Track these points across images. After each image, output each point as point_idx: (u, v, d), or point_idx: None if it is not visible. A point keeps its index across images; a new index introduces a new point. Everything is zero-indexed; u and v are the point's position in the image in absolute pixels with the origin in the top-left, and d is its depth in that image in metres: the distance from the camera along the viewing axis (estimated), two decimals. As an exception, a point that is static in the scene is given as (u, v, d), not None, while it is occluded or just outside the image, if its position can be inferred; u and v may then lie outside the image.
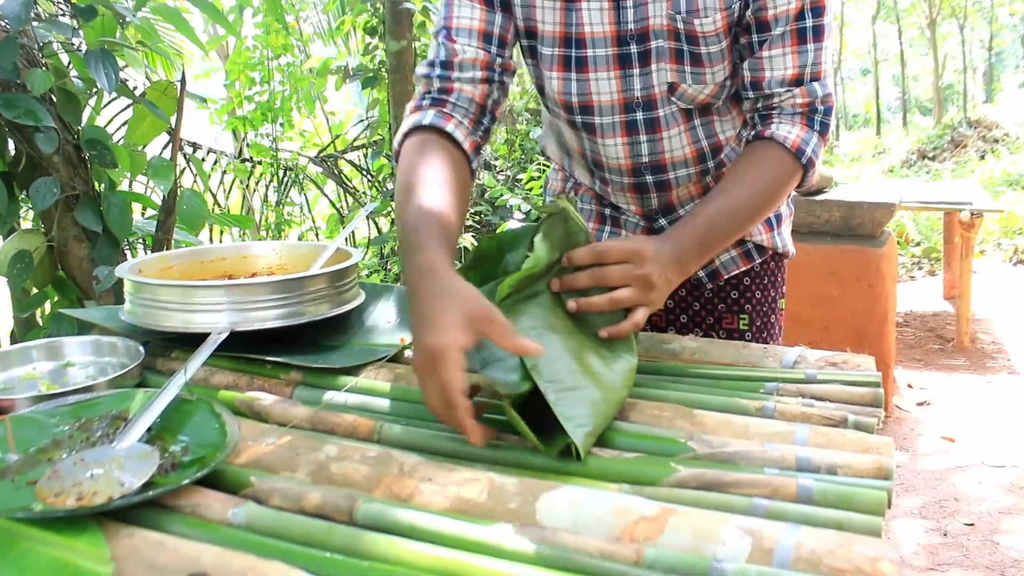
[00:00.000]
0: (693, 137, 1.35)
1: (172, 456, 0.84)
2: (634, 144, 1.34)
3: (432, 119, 1.21)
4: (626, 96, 1.30)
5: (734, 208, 1.20)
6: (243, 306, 1.15)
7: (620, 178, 1.40)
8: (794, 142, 1.23)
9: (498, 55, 1.27)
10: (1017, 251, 6.25)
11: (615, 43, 1.26)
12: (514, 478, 0.83)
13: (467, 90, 1.25)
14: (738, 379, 1.13)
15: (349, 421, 0.98)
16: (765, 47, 1.23)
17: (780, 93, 1.24)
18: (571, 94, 1.31)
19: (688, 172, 1.39)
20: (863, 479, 0.86)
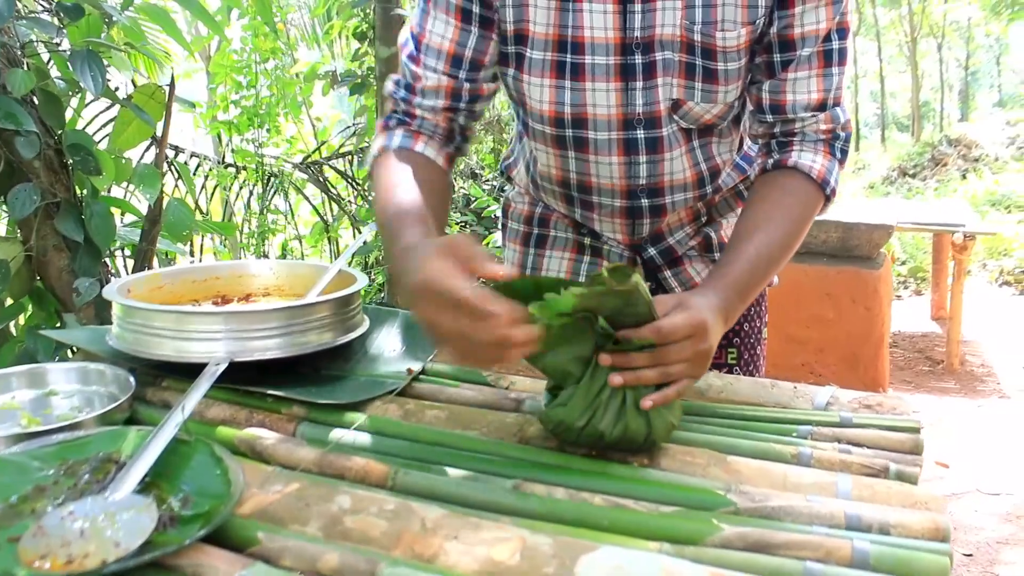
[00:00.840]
0: (693, 160, 1.26)
1: (171, 509, 0.76)
2: (632, 164, 1.24)
3: (400, 141, 1.19)
4: (626, 111, 1.19)
5: (771, 250, 1.11)
6: (242, 335, 1.07)
7: (612, 200, 1.29)
8: (819, 172, 1.16)
9: (467, 80, 1.19)
10: (1003, 272, 6.27)
11: (618, 52, 1.15)
12: (547, 537, 0.76)
13: (429, 117, 1.21)
14: (769, 420, 1.06)
15: (360, 465, 0.90)
16: (790, 68, 1.15)
17: (804, 118, 1.17)
18: (564, 104, 1.19)
19: (685, 196, 1.30)
20: (919, 540, 0.80)
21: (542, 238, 1.42)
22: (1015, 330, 5.01)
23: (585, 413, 0.91)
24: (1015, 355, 4.51)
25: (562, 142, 1.25)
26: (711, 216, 1.37)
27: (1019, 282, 6.13)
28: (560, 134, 1.23)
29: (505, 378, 1.17)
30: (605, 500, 0.85)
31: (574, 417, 0.91)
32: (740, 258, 1.08)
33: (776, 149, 1.20)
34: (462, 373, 1.19)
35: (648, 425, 0.91)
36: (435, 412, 1.04)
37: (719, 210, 1.37)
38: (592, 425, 0.90)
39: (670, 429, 0.94)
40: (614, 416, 0.90)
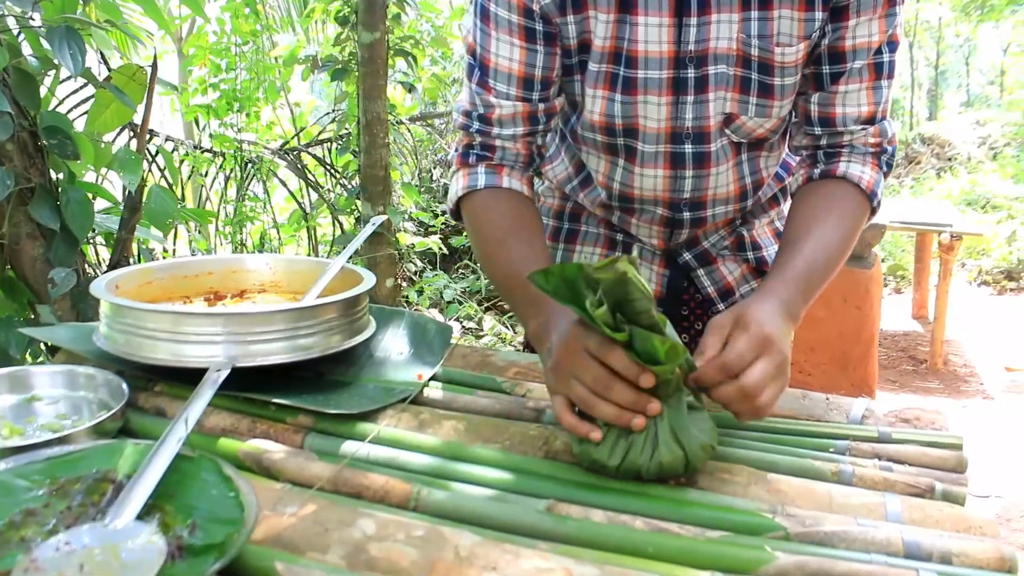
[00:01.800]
0: (739, 173, 1.23)
1: (178, 537, 0.68)
2: (677, 179, 1.20)
3: (486, 181, 1.17)
4: (675, 125, 1.15)
5: (828, 249, 1.06)
6: (244, 338, 0.99)
7: (653, 209, 1.25)
8: (868, 183, 1.13)
9: (541, 100, 1.15)
10: (981, 272, 6.30)
11: (671, 65, 1.10)
12: (593, 567, 0.70)
13: (510, 147, 1.17)
14: (804, 435, 1.01)
15: (379, 484, 0.83)
16: (840, 81, 1.11)
17: (854, 131, 1.13)
18: (615, 116, 1.15)
19: (727, 209, 1.27)
20: (984, 571, 0.75)
21: (572, 233, 1.38)
22: (995, 330, 5.03)
23: (617, 450, 0.86)
24: (996, 356, 4.52)
25: (613, 149, 1.21)
26: (745, 218, 1.34)
27: (997, 282, 6.17)
28: (612, 142, 1.20)
29: (522, 385, 1.10)
30: (646, 524, 0.79)
31: (605, 455, 0.86)
32: (798, 255, 1.04)
33: (823, 160, 1.17)
34: (474, 379, 1.12)
35: (685, 454, 0.86)
36: (452, 423, 0.98)
37: (753, 212, 1.34)
38: (629, 461, 0.85)
39: (709, 453, 0.88)
40: (650, 449, 0.85)
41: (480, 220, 1.16)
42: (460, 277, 4.84)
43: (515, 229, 1.11)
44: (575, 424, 0.87)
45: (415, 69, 4.31)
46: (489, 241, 1.13)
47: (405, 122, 4.82)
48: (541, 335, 0.97)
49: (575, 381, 0.87)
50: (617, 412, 0.85)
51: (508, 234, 1.11)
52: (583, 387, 0.86)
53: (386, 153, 3.75)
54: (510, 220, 1.13)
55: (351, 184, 4.17)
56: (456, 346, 1.21)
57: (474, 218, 1.17)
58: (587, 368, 0.86)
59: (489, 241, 1.13)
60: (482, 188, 1.16)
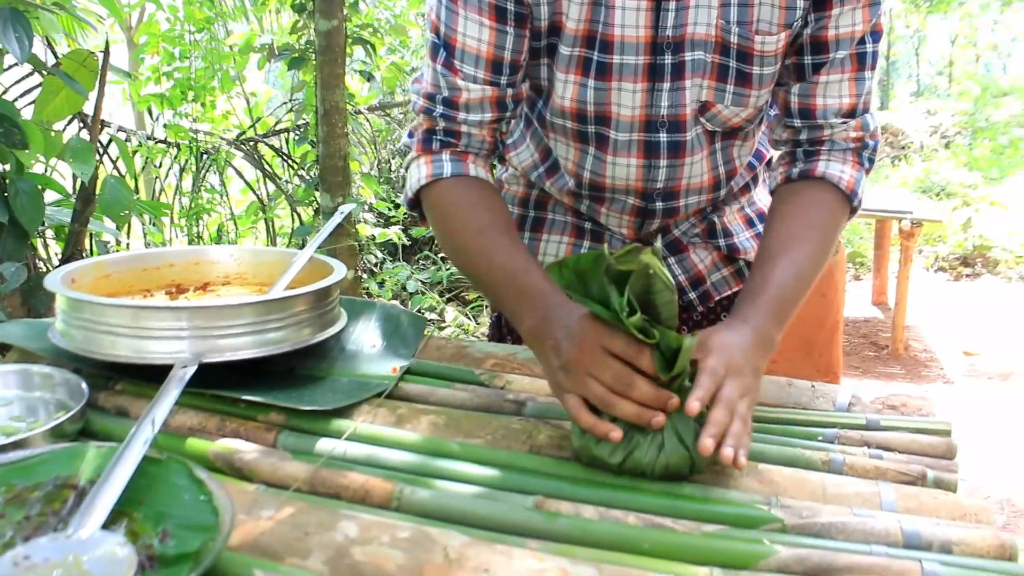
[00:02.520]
0: (713, 163, 1.19)
1: (148, 546, 0.64)
2: (651, 168, 1.16)
3: (451, 169, 1.11)
4: (649, 113, 1.10)
5: (801, 268, 1.02)
6: (210, 332, 0.94)
7: (624, 199, 1.21)
8: (848, 183, 1.09)
9: (509, 85, 1.09)
10: (938, 258, 6.39)
11: (648, 51, 1.06)
12: (590, 567, 0.67)
13: (476, 133, 1.11)
14: (791, 423, 0.99)
15: (359, 483, 0.79)
16: (822, 71, 1.07)
17: (834, 124, 1.09)
18: (586, 102, 1.11)
19: (700, 199, 1.23)
20: (986, 560, 0.73)
21: (539, 221, 1.32)
22: (953, 316, 5.11)
23: (619, 449, 0.83)
24: (955, 341, 4.58)
25: (584, 137, 1.16)
26: (716, 205, 1.29)
27: (953, 268, 6.27)
28: (582, 129, 1.15)
29: (500, 377, 1.07)
30: (640, 519, 0.76)
31: (607, 453, 0.83)
32: (770, 280, 1.00)
33: (802, 158, 1.13)
34: (451, 371, 1.09)
35: (690, 456, 0.83)
36: (431, 418, 0.94)
37: (724, 200, 1.30)
38: (633, 460, 0.82)
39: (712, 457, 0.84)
40: (655, 450, 0.82)
41: (450, 211, 1.10)
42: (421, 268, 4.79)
43: (492, 220, 1.06)
44: (594, 424, 0.83)
45: (373, 58, 4.24)
46: (464, 233, 1.07)
47: (364, 112, 4.75)
48: (541, 333, 0.92)
49: (592, 380, 0.84)
50: (638, 411, 0.82)
51: (486, 226, 1.06)
52: (602, 386, 0.83)
53: (345, 143, 3.69)
54: (485, 211, 1.07)
55: (309, 175, 4.10)
56: (430, 338, 1.17)
57: (441, 208, 1.11)
58: (606, 366, 0.83)
59: (464, 233, 1.07)
60: (448, 177, 1.10)
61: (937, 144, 10.05)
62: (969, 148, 9.72)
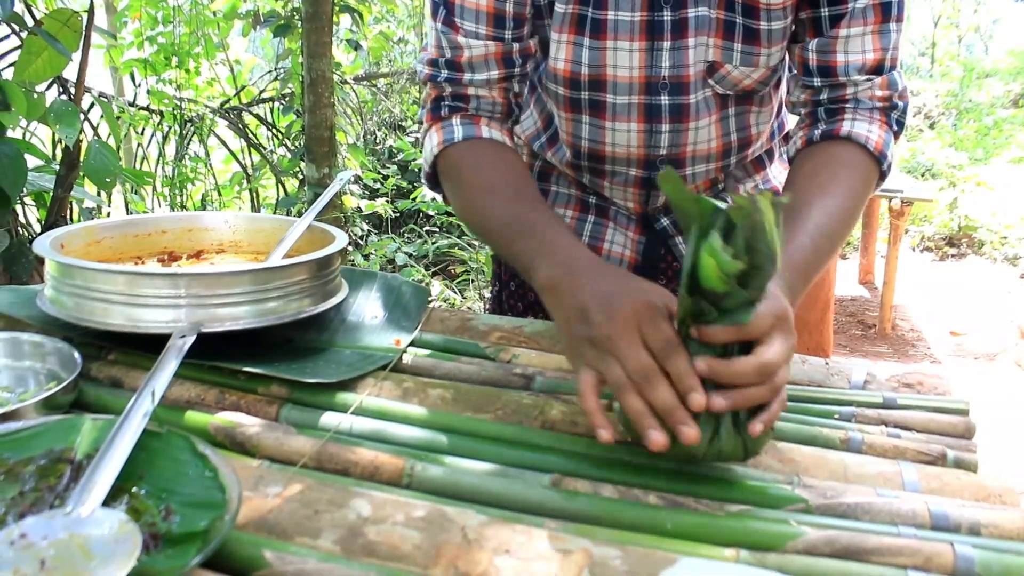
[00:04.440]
0: (723, 129, 1.12)
1: (152, 525, 0.60)
2: (653, 133, 1.09)
3: (463, 133, 1.05)
4: (650, 74, 1.04)
5: (831, 225, 0.93)
6: (208, 301, 0.90)
7: (626, 169, 1.15)
8: (877, 144, 1.00)
9: (515, 39, 1.03)
10: (924, 238, 6.41)
11: (645, 5, 1.00)
12: (615, 548, 0.64)
13: (485, 95, 1.06)
14: (807, 400, 0.97)
15: (369, 459, 0.76)
16: (841, 24, 0.99)
17: (858, 82, 1.01)
18: (581, 64, 1.05)
19: (707, 168, 1.16)
20: (1018, 543, 0.71)
21: (542, 193, 1.26)
22: (939, 295, 5.13)
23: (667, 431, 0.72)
24: (941, 321, 4.60)
25: (576, 105, 1.10)
26: (727, 183, 1.24)
27: (939, 248, 6.29)
28: (575, 96, 1.09)
29: (506, 350, 1.03)
30: (661, 498, 0.73)
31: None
32: (798, 235, 0.90)
33: (824, 118, 1.05)
34: (456, 344, 1.05)
35: (744, 442, 0.74)
36: (439, 391, 0.90)
37: (736, 176, 1.24)
38: (679, 444, 0.72)
39: (769, 436, 0.76)
40: (707, 434, 0.72)
41: (461, 173, 1.04)
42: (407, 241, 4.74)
43: (506, 177, 1.00)
44: (595, 410, 0.73)
45: (361, 26, 4.17)
46: (477, 191, 1.01)
47: (350, 82, 4.68)
48: (564, 286, 0.82)
49: (616, 363, 0.73)
50: (642, 414, 0.71)
51: (499, 182, 0.99)
52: (624, 372, 0.73)
53: (331, 113, 3.62)
54: (499, 169, 1.01)
55: (295, 145, 4.03)
56: (433, 310, 1.13)
57: (455, 173, 1.05)
58: (634, 355, 0.72)
59: (477, 191, 1.01)
60: (460, 141, 1.05)
61: (922, 124, 10.07)
62: (954, 129, 9.75)
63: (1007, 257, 5.96)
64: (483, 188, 1.00)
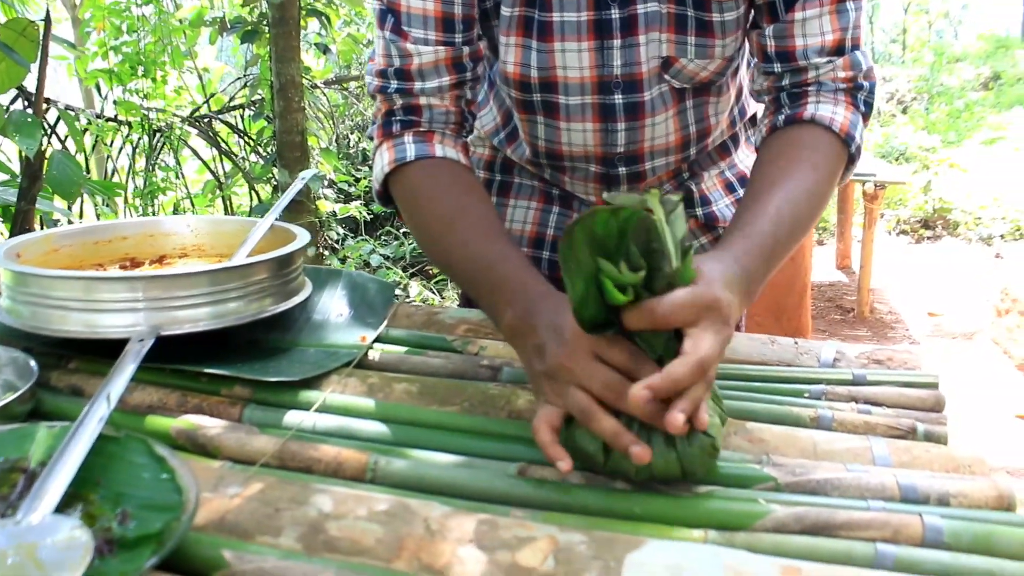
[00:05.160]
0: (682, 122, 1.10)
1: (107, 530, 0.59)
2: (609, 132, 1.08)
3: (416, 152, 1.00)
4: (601, 73, 1.02)
5: (796, 208, 0.90)
6: (167, 303, 0.89)
7: (585, 166, 1.13)
8: (842, 125, 0.97)
9: (465, 43, 1.00)
10: (899, 222, 6.45)
11: (591, 5, 0.98)
12: (580, 533, 0.63)
13: (437, 104, 1.01)
14: (776, 380, 0.96)
15: (331, 456, 0.75)
16: (796, 7, 0.95)
17: (819, 65, 0.98)
18: (530, 67, 1.03)
19: (667, 161, 1.14)
20: (986, 511, 0.71)
21: (505, 185, 1.25)
22: (916, 277, 5.16)
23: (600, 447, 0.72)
24: (918, 302, 4.63)
25: (530, 106, 1.08)
26: (693, 171, 1.22)
27: (914, 231, 6.33)
28: (527, 98, 1.07)
29: (474, 343, 1.03)
30: (628, 483, 0.72)
31: (590, 448, 0.72)
32: (760, 216, 0.87)
33: (787, 103, 1.02)
34: (422, 339, 1.04)
35: (679, 459, 0.70)
36: (404, 385, 0.90)
37: (701, 164, 1.22)
38: (614, 461, 0.71)
39: (710, 456, 0.72)
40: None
41: (418, 199, 1.00)
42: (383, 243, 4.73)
43: (463, 207, 0.96)
44: (549, 443, 0.72)
45: (329, 30, 4.14)
46: (434, 223, 0.97)
47: (320, 86, 4.65)
48: (523, 328, 0.80)
49: (578, 391, 0.71)
50: (616, 431, 0.69)
51: (457, 213, 0.95)
52: (587, 396, 0.71)
53: (302, 118, 3.59)
54: (454, 196, 0.97)
55: (266, 151, 4.00)
56: (400, 305, 1.12)
57: (409, 197, 1.01)
58: (596, 374, 0.71)
59: (434, 223, 0.97)
60: (412, 160, 1.00)
61: (895, 110, 10.14)
62: (926, 113, 9.82)
63: (982, 237, 6.01)
64: (439, 220, 0.96)
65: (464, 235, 0.92)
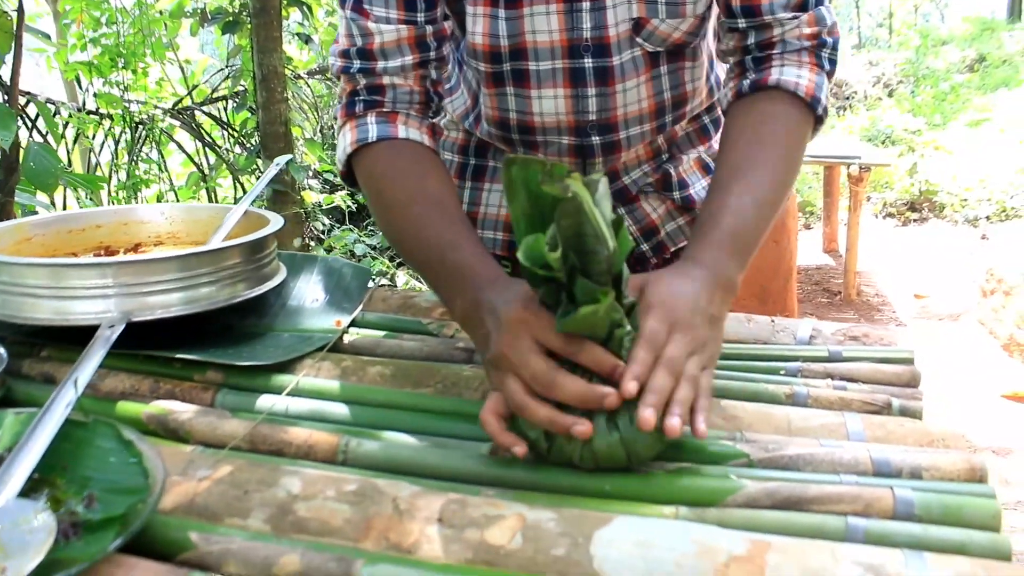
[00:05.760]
0: (655, 88, 1.09)
1: (72, 513, 0.59)
2: (579, 98, 1.06)
3: (378, 133, 0.99)
4: (571, 37, 1.01)
5: (763, 194, 0.90)
6: (138, 289, 0.88)
7: (558, 139, 1.12)
8: (807, 88, 0.96)
9: (428, 21, 0.99)
10: (886, 204, 6.46)
11: None
12: (549, 511, 0.63)
13: (400, 83, 1.00)
14: (752, 358, 0.97)
15: (303, 438, 0.75)
16: None
17: (783, 20, 0.98)
18: (499, 36, 1.01)
19: (642, 130, 1.12)
20: (958, 484, 0.71)
21: (479, 169, 1.24)
22: (902, 260, 5.18)
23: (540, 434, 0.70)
24: (905, 284, 4.65)
25: (500, 78, 1.07)
26: (672, 152, 1.21)
27: (901, 214, 6.35)
28: (497, 69, 1.06)
29: (449, 325, 1.02)
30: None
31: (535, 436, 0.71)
32: (726, 211, 0.87)
33: (752, 66, 1.01)
34: (397, 322, 1.04)
35: (623, 444, 0.69)
36: (378, 368, 0.89)
37: (679, 146, 1.21)
38: (557, 447, 0.70)
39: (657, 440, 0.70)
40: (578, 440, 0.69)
41: (378, 181, 0.99)
42: (370, 233, 4.71)
43: (421, 190, 0.95)
44: (497, 431, 0.71)
45: (311, 19, 4.12)
46: (392, 206, 0.96)
47: (304, 76, 4.63)
48: (472, 317, 0.80)
49: (513, 380, 0.71)
50: (551, 417, 0.69)
51: (414, 197, 0.94)
52: (519, 385, 0.70)
53: (285, 108, 3.58)
54: (413, 179, 0.96)
55: (250, 143, 3.99)
56: (375, 289, 1.12)
57: (369, 178, 1.00)
58: (528, 364, 0.70)
59: (392, 206, 0.96)
60: (374, 141, 0.99)
61: (881, 93, 10.15)
62: (912, 96, 9.83)
63: (968, 219, 6.03)
64: (396, 203, 0.96)
65: (419, 220, 0.92)
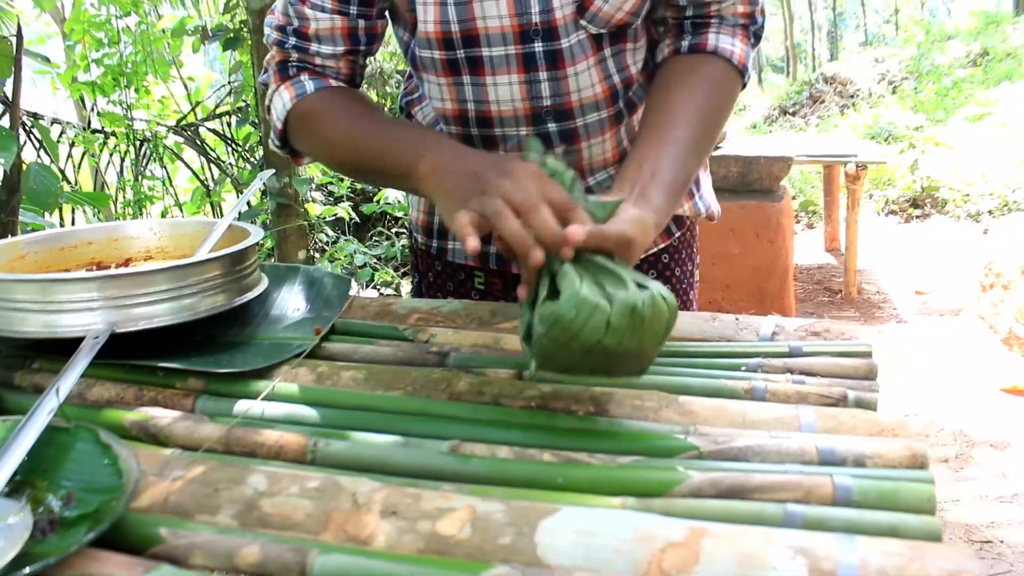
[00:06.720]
0: (604, 71, 1.11)
1: (50, 511, 0.63)
2: (533, 83, 1.09)
3: (315, 86, 1.10)
4: (521, 21, 1.03)
5: (697, 143, 1.01)
6: (123, 301, 0.93)
7: (516, 129, 1.13)
8: (740, 58, 1.08)
9: (360, 16, 1.07)
10: (888, 202, 6.47)
11: None
12: (499, 503, 0.67)
13: (331, 64, 1.11)
14: (714, 356, 1.00)
15: (274, 439, 0.79)
16: None
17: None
18: (450, 22, 1.04)
19: (599, 117, 1.15)
20: (898, 470, 0.74)
21: None
22: (904, 257, 5.20)
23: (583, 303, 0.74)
24: (906, 281, 4.66)
25: (455, 66, 1.10)
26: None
27: (903, 211, 6.36)
28: (451, 57, 1.09)
29: (424, 331, 1.06)
30: (555, 455, 0.76)
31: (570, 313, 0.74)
32: (664, 152, 0.97)
33: (690, 31, 1.11)
34: (374, 329, 1.08)
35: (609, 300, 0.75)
36: (352, 373, 0.93)
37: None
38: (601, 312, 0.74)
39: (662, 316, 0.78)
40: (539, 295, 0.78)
41: (320, 120, 1.08)
42: (374, 244, 4.77)
43: (366, 112, 1.05)
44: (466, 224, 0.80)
45: (311, 34, 4.18)
46: (338, 125, 1.06)
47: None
48: (446, 166, 0.90)
49: (497, 199, 0.80)
50: (521, 234, 0.78)
51: (361, 114, 1.04)
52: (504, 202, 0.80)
53: (287, 121, 3.63)
54: (356, 110, 1.06)
55: (254, 157, 4.05)
56: (355, 298, 1.16)
57: (313, 118, 1.09)
58: (523, 188, 0.80)
59: (338, 125, 1.06)
60: (312, 92, 1.08)
61: (884, 91, 10.15)
62: (915, 92, 9.83)
63: (970, 214, 6.03)
64: (349, 117, 1.04)
65: (372, 123, 1.02)
